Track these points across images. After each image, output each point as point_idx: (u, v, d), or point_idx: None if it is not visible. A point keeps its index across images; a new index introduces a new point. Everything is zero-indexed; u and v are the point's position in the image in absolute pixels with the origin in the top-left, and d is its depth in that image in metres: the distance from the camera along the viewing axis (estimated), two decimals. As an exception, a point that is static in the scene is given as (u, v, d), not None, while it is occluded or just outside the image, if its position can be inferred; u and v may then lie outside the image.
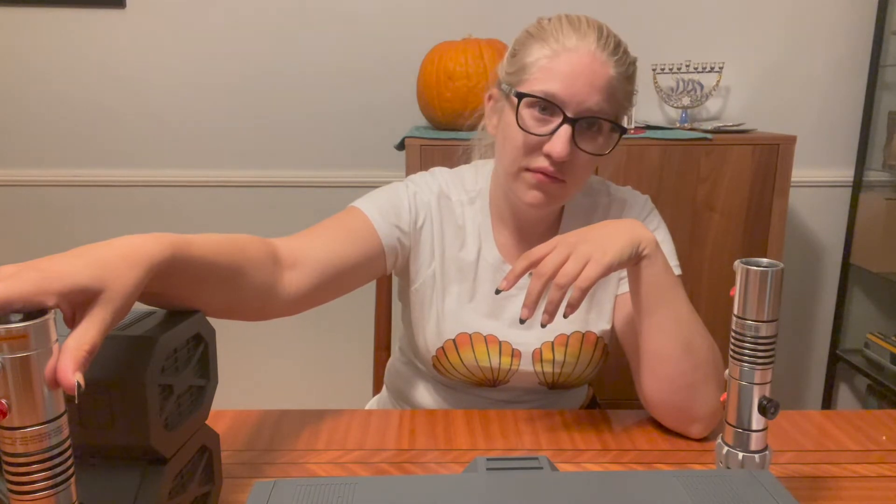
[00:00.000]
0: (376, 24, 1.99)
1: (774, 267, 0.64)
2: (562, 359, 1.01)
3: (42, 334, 0.45)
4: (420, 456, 0.86)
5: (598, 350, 1.02)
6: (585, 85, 0.87)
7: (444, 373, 1.03)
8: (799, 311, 2.23)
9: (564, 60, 0.88)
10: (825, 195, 2.14)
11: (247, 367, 2.09)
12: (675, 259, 1.01)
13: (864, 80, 2.05)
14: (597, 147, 0.92)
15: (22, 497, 0.47)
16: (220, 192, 2.09)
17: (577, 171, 0.92)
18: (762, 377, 0.66)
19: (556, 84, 0.88)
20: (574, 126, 0.88)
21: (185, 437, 0.64)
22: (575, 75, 0.87)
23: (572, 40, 0.89)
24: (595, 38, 0.89)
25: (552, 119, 0.89)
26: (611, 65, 0.89)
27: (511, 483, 0.54)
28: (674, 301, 0.87)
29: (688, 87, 1.94)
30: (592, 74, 0.88)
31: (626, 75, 0.92)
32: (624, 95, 0.92)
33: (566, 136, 0.88)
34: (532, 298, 0.81)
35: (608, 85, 0.89)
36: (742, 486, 0.53)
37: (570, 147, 0.88)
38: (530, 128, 0.89)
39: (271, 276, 0.80)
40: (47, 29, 1.99)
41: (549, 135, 0.89)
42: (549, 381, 1.03)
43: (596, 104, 0.88)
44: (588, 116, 0.88)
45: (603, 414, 0.99)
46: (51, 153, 2.07)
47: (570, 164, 0.90)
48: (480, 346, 1.00)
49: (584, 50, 0.88)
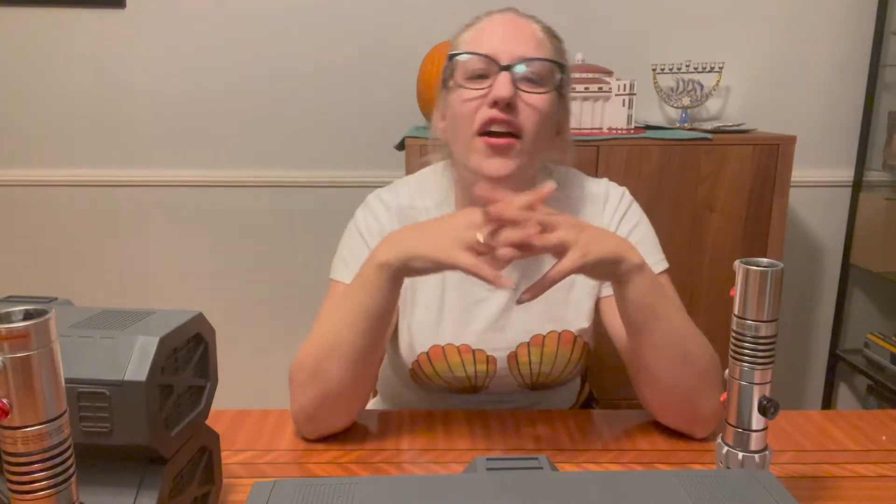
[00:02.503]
0: (376, 24, 1.99)
1: (774, 267, 0.64)
2: (538, 359, 1.00)
3: (43, 334, 0.45)
4: (420, 456, 0.86)
5: (576, 349, 1.01)
6: (512, 37, 0.92)
7: (423, 384, 1.03)
8: (799, 311, 2.23)
9: (487, 26, 0.94)
10: (825, 195, 2.14)
11: (247, 367, 2.09)
12: (659, 254, 0.99)
13: (864, 80, 2.04)
14: (540, 96, 0.91)
15: (22, 496, 0.47)
16: (220, 192, 2.09)
17: (530, 122, 0.90)
18: (762, 377, 0.66)
19: (485, 45, 0.92)
20: (511, 73, 0.89)
21: (184, 437, 0.64)
22: (500, 32, 0.93)
23: (493, 16, 0.96)
24: (510, 9, 0.96)
25: (490, 77, 0.90)
26: (533, 23, 0.95)
27: (511, 483, 0.54)
28: (664, 316, 0.85)
29: (688, 87, 1.94)
30: (517, 29, 0.93)
31: (552, 34, 0.96)
32: (555, 50, 0.95)
33: (506, 78, 0.88)
34: (506, 258, 0.77)
35: (534, 36, 0.93)
36: (742, 486, 0.53)
37: (513, 89, 0.88)
38: (470, 91, 0.91)
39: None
40: (47, 29, 1.99)
41: (489, 87, 0.90)
42: (528, 383, 1.03)
43: (528, 52, 0.91)
44: (523, 60, 0.90)
45: (603, 414, 0.99)
46: (51, 153, 2.06)
47: (519, 116, 0.90)
48: (454, 358, 0.99)
49: (506, 16, 0.95)
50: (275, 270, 2.13)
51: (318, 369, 0.86)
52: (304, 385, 0.87)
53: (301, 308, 2.11)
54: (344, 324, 0.86)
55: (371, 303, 0.84)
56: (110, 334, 0.59)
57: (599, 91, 1.73)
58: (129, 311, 0.65)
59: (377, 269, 0.83)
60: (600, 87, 1.73)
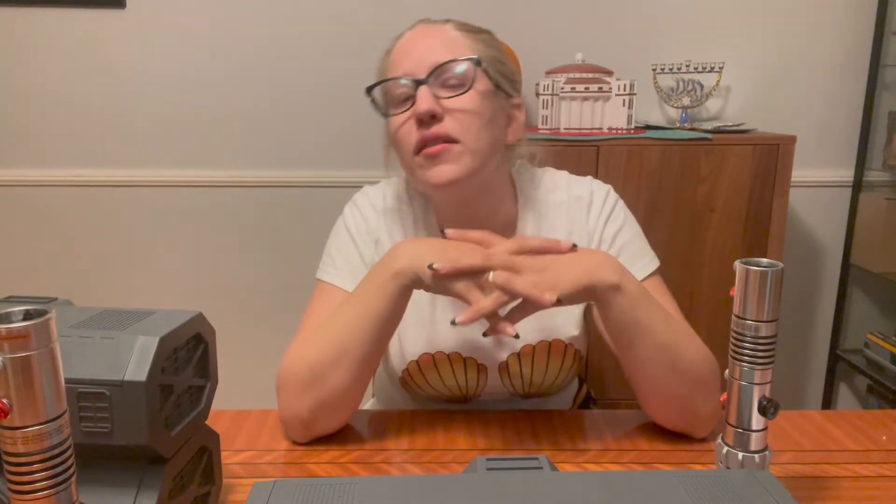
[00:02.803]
0: (377, 24, 1.99)
1: (774, 267, 0.64)
2: (529, 370, 0.98)
3: (43, 334, 0.45)
4: (420, 456, 0.86)
5: (567, 357, 0.99)
6: (424, 48, 0.90)
7: (414, 393, 1.02)
8: (799, 311, 2.22)
9: (399, 47, 0.94)
10: (825, 195, 2.14)
11: (247, 367, 2.09)
12: (646, 255, 0.97)
13: (864, 80, 2.04)
14: (464, 97, 0.89)
15: (22, 497, 0.47)
16: (220, 192, 2.09)
17: (462, 125, 0.88)
18: (762, 377, 0.66)
19: (399, 66, 0.91)
20: (427, 83, 0.88)
21: (184, 437, 0.64)
22: (412, 48, 0.92)
23: (405, 35, 0.95)
24: (419, 22, 0.95)
25: (411, 100, 0.89)
26: (445, 26, 0.93)
27: (511, 483, 0.54)
28: (647, 330, 0.83)
29: (688, 87, 1.94)
30: (427, 37, 0.92)
31: (469, 28, 0.94)
32: (473, 44, 0.92)
33: (424, 93, 0.87)
34: (483, 314, 0.79)
35: (445, 39, 0.91)
36: (742, 486, 0.53)
37: (433, 101, 0.87)
38: (397, 115, 0.91)
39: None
40: (47, 29, 1.99)
41: (413, 105, 0.89)
42: (521, 392, 1.02)
43: (440, 56, 0.89)
44: (436, 68, 0.88)
45: (603, 414, 0.99)
46: (51, 153, 2.06)
47: (451, 120, 0.88)
48: (445, 367, 0.98)
49: (415, 30, 0.94)
50: (275, 270, 2.13)
51: (317, 376, 0.84)
52: (300, 392, 0.85)
53: (302, 308, 2.10)
54: (351, 330, 0.84)
55: (384, 310, 0.83)
56: (110, 334, 0.59)
57: (599, 91, 1.73)
58: (129, 311, 0.65)
59: (394, 275, 0.82)
60: (600, 87, 1.73)
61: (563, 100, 1.73)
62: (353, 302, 0.86)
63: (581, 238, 0.98)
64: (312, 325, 0.92)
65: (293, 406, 0.86)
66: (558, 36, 2.01)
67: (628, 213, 1.01)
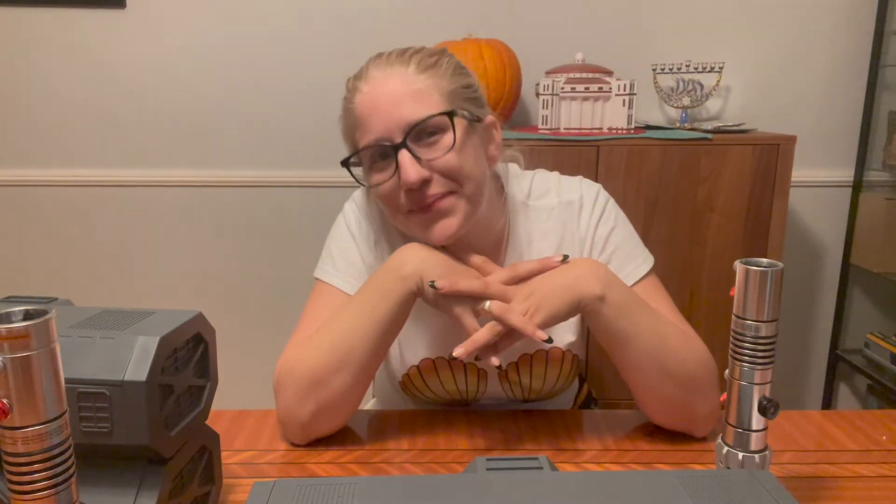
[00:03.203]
0: (377, 24, 1.99)
1: (774, 267, 0.64)
2: (528, 379, 0.98)
3: (43, 334, 0.45)
4: (420, 456, 0.86)
5: (565, 364, 0.99)
6: (387, 103, 0.84)
7: (414, 396, 1.02)
8: (799, 311, 2.22)
9: (359, 102, 0.87)
10: (825, 195, 2.14)
11: (247, 367, 2.09)
12: (639, 256, 0.96)
13: (864, 80, 2.04)
14: (445, 146, 0.85)
15: (23, 497, 0.47)
16: (220, 192, 2.09)
17: (453, 177, 0.85)
18: (762, 377, 0.66)
19: (365, 130, 0.86)
20: (408, 147, 0.84)
21: (184, 437, 0.64)
22: (374, 103, 0.85)
23: (370, 75, 0.88)
24: (373, 66, 0.88)
25: (389, 158, 0.85)
26: (403, 69, 0.86)
27: (511, 483, 0.54)
28: (635, 337, 0.83)
29: (688, 87, 1.94)
30: (387, 88, 0.85)
31: (427, 64, 0.87)
32: (438, 83, 0.86)
33: (408, 161, 0.83)
34: (479, 346, 0.80)
35: (410, 87, 0.85)
36: (742, 486, 0.53)
37: (417, 167, 0.83)
38: (380, 181, 0.86)
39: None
40: (47, 29, 1.99)
41: (395, 173, 0.85)
42: (520, 398, 1.02)
43: (410, 113, 0.84)
44: (411, 129, 0.83)
45: (603, 414, 0.99)
46: (51, 153, 2.06)
47: (440, 178, 0.85)
48: (445, 372, 0.98)
49: (368, 85, 0.87)
50: (276, 270, 2.13)
51: (319, 381, 0.84)
52: (301, 396, 0.84)
53: (303, 308, 2.11)
54: (355, 335, 0.84)
55: (389, 314, 0.83)
56: (110, 334, 0.59)
57: (599, 91, 1.73)
58: (129, 311, 0.65)
59: (401, 280, 0.82)
60: (600, 87, 1.73)
61: (563, 100, 1.73)
62: (358, 305, 0.86)
63: (573, 243, 0.97)
64: (311, 326, 0.91)
65: (293, 409, 0.85)
66: (558, 36, 2.01)
67: (619, 212, 0.99)
